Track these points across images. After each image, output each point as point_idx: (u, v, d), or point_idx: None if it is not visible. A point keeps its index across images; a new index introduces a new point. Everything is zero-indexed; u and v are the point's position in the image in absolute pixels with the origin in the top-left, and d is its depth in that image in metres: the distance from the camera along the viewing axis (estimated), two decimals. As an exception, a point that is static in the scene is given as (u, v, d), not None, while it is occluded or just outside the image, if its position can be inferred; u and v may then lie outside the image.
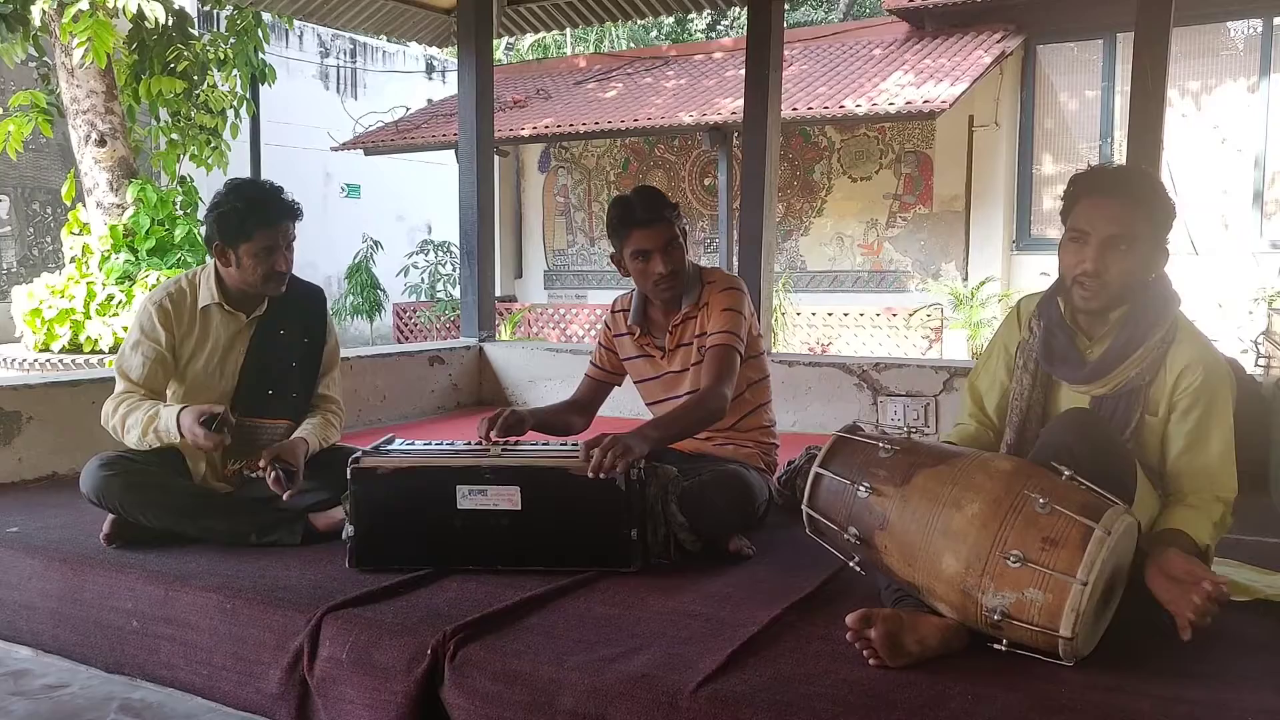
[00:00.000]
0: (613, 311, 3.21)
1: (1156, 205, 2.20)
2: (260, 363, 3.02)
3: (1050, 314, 2.35)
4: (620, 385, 3.27)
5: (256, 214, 2.88)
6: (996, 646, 1.96)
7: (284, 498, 2.77)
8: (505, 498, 2.52)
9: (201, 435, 2.69)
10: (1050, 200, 10.97)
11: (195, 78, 9.33)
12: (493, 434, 2.71)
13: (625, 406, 3.65)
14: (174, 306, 2.96)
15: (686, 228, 3.02)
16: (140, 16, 7.95)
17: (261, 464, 2.77)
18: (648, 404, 3.17)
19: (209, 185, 9.94)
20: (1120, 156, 8.25)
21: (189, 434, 2.71)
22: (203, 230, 3.07)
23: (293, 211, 2.96)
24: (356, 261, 14.34)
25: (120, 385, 2.92)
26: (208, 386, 2.98)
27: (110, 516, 2.84)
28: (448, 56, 16.79)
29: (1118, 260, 2.17)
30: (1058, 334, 2.32)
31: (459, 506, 2.53)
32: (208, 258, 3.02)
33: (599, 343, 3.25)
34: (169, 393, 3.00)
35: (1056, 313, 2.34)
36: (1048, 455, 2.08)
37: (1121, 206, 2.17)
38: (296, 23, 10.66)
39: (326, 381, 3.16)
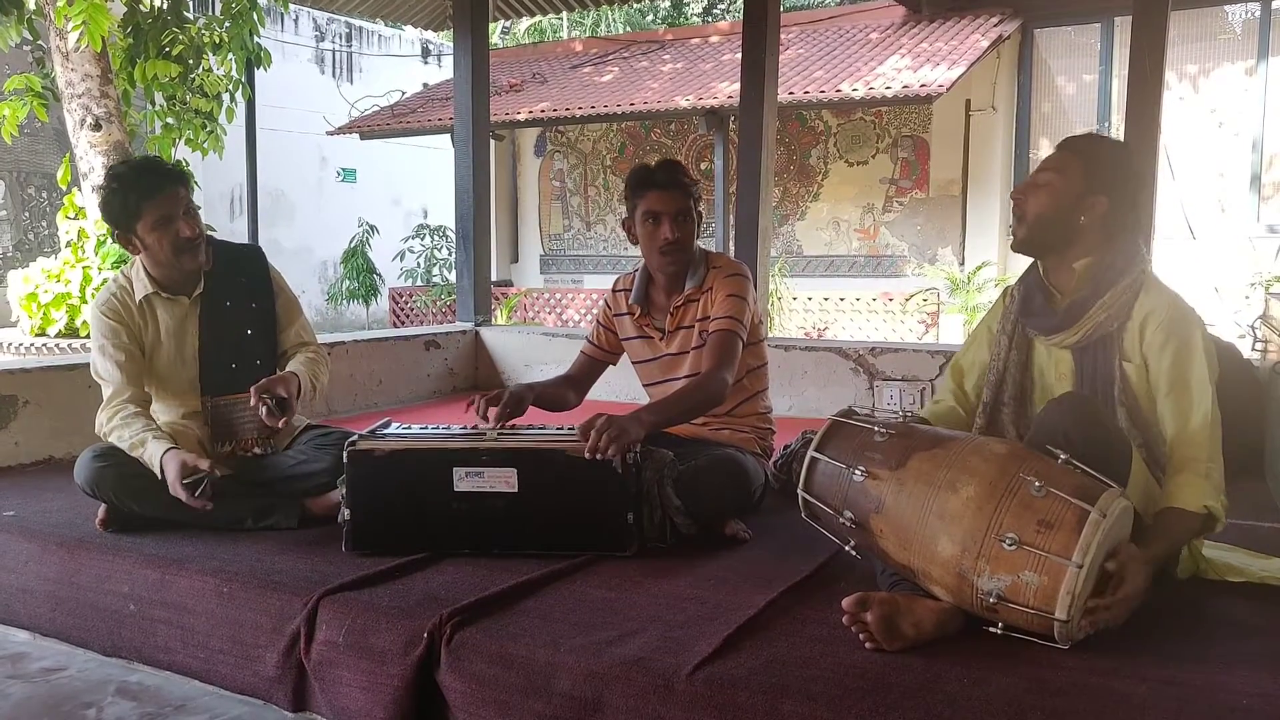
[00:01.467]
0: (614, 290, 3.20)
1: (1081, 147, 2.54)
2: (215, 340, 2.97)
3: (1029, 278, 2.50)
4: (615, 365, 3.27)
5: (135, 190, 2.78)
6: (992, 630, 1.96)
7: (278, 426, 2.75)
8: (502, 479, 2.52)
9: (184, 496, 2.64)
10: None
11: (190, 61, 9.25)
12: (493, 419, 2.68)
13: (621, 390, 3.65)
14: (121, 305, 2.92)
15: (702, 211, 3.02)
16: (135, 0, 7.89)
17: (251, 401, 2.72)
18: (645, 385, 3.17)
19: (205, 169, 9.95)
20: (1118, 141, 8.30)
21: (171, 489, 2.65)
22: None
23: (175, 177, 2.85)
24: (352, 246, 14.32)
25: (106, 391, 2.88)
26: (173, 377, 2.96)
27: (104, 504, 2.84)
28: (443, 40, 16.73)
29: (1032, 193, 2.42)
30: (1035, 294, 2.45)
31: (455, 489, 2.53)
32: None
33: (598, 321, 3.24)
34: None
35: (1036, 276, 2.48)
36: (1043, 439, 2.09)
37: (1053, 157, 2.53)
38: (292, 6, 10.59)
39: (294, 331, 3.08)
